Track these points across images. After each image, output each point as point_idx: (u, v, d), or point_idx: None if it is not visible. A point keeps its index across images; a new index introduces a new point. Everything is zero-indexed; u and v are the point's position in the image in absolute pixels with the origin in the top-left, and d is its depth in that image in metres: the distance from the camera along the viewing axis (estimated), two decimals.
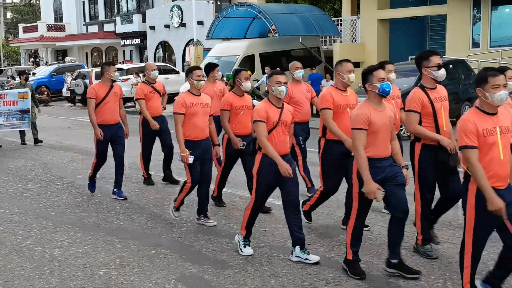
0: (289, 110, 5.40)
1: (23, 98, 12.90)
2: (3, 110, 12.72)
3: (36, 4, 58.66)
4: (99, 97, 7.62)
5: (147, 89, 8.51)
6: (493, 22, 17.94)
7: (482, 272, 5.00)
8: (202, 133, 6.33)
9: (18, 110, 12.86)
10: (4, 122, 12.76)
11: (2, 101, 12.70)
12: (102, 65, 7.91)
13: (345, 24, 22.04)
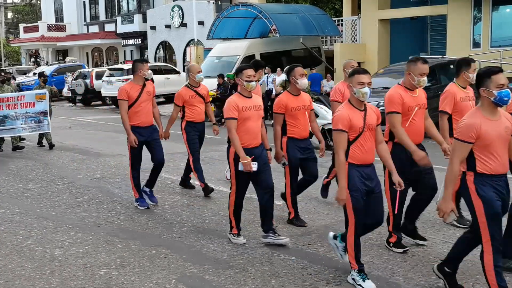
0: (373, 110, 4.80)
1: (41, 99, 12.26)
2: (20, 112, 12.02)
3: (37, 4, 58.68)
4: (132, 98, 7.04)
5: (189, 93, 7.90)
6: (494, 22, 17.93)
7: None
8: (255, 139, 5.68)
9: (36, 112, 12.21)
10: (23, 125, 12.05)
11: (20, 103, 11.98)
12: (134, 63, 7.27)
13: (346, 24, 22.04)
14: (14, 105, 11.90)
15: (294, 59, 21.26)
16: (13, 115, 11.88)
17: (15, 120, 11.94)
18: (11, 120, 11.88)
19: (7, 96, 11.98)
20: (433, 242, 5.80)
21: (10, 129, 11.91)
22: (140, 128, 7.13)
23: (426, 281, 4.80)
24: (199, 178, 7.95)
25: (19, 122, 11.99)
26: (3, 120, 11.82)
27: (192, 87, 7.99)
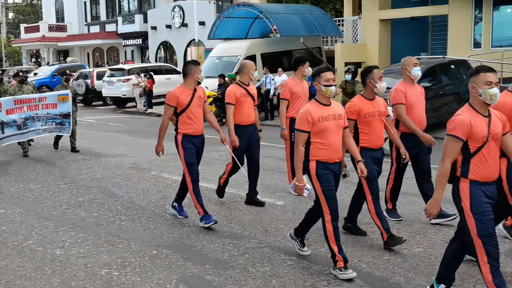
0: (497, 117, 4.09)
1: (63, 100, 11.61)
2: (41, 113, 11.35)
3: (38, 4, 58.70)
4: (182, 104, 6.32)
5: (240, 91, 7.08)
6: (495, 22, 17.92)
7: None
8: (336, 154, 5.00)
9: (58, 114, 11.56)
10: (43, 126, 11.41)
11: (41, 104, 11.33)
12: (186, 65, 6.49)
13: (347, 24, 22.03)
14: (35, 106, 11.31)
15: None
16: (34, 117, 11.27)
17: (36, 121, 11.32)
18: (31, 122, 11.26)
19: (28, 97, 11.37)
20: (433, 242, 5.80)
21: (32, 131, 11.28)
22: (192, 137, 6.48)
23: (427, 281, 4.79)
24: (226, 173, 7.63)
25: (39, 123, 11.38)
26: (24, 123, 11.15)
27: (243, 85, 7.15)
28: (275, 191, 8.19)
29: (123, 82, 23.47)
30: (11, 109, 10.88)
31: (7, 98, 11.10)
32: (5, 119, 10.82)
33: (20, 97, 11.25)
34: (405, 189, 8.15)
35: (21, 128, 11.03)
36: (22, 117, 11.06)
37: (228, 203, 7.57)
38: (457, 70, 14.69)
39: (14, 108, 10.93)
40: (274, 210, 7.17)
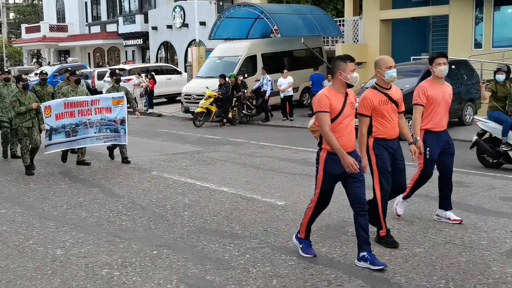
0: None
1: (118, 104, 10.32)
2: (95, 119, 10.14)
3: (39, 5, 58.76)
4: (334, 110, 4.99)
5: (379, 97, 5.56)
6: (496, 23, 17.91)
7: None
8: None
9: (112, 120, 10.31)
10: (96, 134, 10.24)
11: (94, 108, 10.10)
12: (335, 61, 5.17)
13: (347, 25, 22.03)
14: (88, 110, 10.08)
15: (295, 59, 21.27)
16: (86, 123, 10.11)
17: (88, 128, 10.15)
18: (83, 128, 10.10)
19: (80, 100, 10.11)
20: (434, 243, 5.79)
21: (82, 138, 10.17)
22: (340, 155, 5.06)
23: (427, 281, 4.79)
24: (383, 222, 5.79)
25: (92, 130, 10.18)
26: (74, 129, 10.02)
27: (382, 89, 5.63)
28: (276, 191, 8.19)
29: (124, 82, 23.46)
30: (60, 113, 9.84)
31: (57, 101, 10.02)
32: (54, 125, 9.82)
33: (71, 99, 10.04)
34: None
35: (69, 135, 9.98)
36: (72, 122, 9.98)
37: (228, 203, 7.57)
38: (458, 70, 14.71)
39: (64, 113, 9.88)
40: (275, 210, 7.17)
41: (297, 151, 11.94)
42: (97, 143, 10.44)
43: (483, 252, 5.45)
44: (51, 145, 9.95)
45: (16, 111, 9.75)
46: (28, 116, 9.87)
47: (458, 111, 14.33)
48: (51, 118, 9.79)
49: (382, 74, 5.55)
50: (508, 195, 7.74)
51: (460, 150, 11.65)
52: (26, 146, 9.85)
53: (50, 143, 9.90)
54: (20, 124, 9.85)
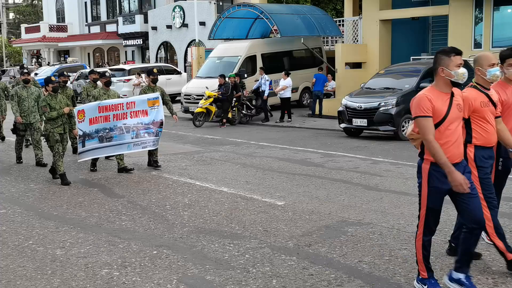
0: None
1: (154, 105, 9.59)
2: (131, 123, 9.37)
3: (38, 5, 58.75)
4: (438, 113, 4.24)
5: (481, 98, 4.80)
6: (495, 23, 17.90)
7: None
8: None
9: (150, 123, 9.55)
10: (133, 139, 9.41)
11: (130, 112, 9.36)
12: (437, 55, 4.34)
13: (347, 25, 22.02)
14: (123, 114, 9.33)
15: (295, 59, 21.27)
16: (122, 127, 9.36)
17: (124, 133, 9.38)
18: (119, 133, 9.35)
19: (115, 103, 9.39)
20: (434, 242, 5.77)
21: (118, 145, 9.40)
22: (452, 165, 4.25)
23: None
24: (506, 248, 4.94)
25: (129, 136, 9.40)
26: (108, 134, 9.31)
27: (482, 89, 4.89)
28: (276, 192, 8.19)
29: (123, 82, 23.48)
30: (94, 117, 9.15)
31: (91, 105, 9.34)
32: (88, 130, 9.15)
33: (105, 103, 9.33)
34: (405, 189, 8.17)
35: (103, 140, 9.26)
36: (106, 127, 9.25)
37: (228, 204, 7.57)
38: None
39: (98, 117, 9.17)
40: (274, 210, 7.17)
41: (296, 151, 11.95)
42: (135, 149, 9.65)
43: (482, 252, 5.44)
44: (85, 152, 9.25)
45: (47, 117, 8.89)
46: (60, 121, 9.01)
47: None
48: (84, 123, 9.12)
49: (483, 72, 4.81)
50: (508, 195, 7.73)
51: None
52: (59, 153, 8.98)
53: (83, 150, 9.22)
54: (52, 130, 8.95)
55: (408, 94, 13.38)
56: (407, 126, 13.13)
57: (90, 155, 9.41)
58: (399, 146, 12.29)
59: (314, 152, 11.78)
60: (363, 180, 8.84)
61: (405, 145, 12.42)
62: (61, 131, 9.05)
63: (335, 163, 10.40)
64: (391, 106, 13.11)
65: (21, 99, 10.56)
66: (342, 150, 11.90)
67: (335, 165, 10.20)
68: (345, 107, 13.95)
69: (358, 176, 9.13)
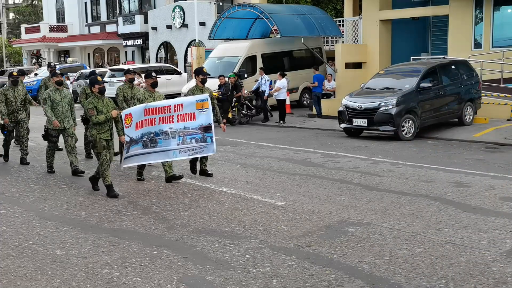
0: None
1: (202, 108, 8.78)
2: (177, 128, 8.62)
3: (38, 5, 58.76)
4: None
5: None
6: (495, 23, 17.90)
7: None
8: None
9: (197, 127, 8.74)
10: (180, 146, 8.67)
11: (176, 115, 8.58)
12: None
13: (347, 25, 22.01)
14: (170, 118, 8.56)
15: (295, 59, 21.26)
16: (168, 132, 8.60)
17: (170, 138, 8.61)
18: (164, 138, 8.58)
19: (161, 106, 8.58)
20: (434, 243, 5.79)
21: (164, 151, 8.60)
22: None
23: (427, 282, 4.79)
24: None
25: (175, 141, 8.64)
26: (153, 139, 8.54)
27: None
28: (276, 192, 8.19)
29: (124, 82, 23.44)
30: (140, 121, 8.36)
31: (138, 108, 8.44)
32: (134, 136, 8.36)
33: (152, 105, 8.52)
34: (405, 189, 8.17)
35: (147, 145, 8.49)
36: (151, 131, 8.49)
37: (228, 204, 7.57)
38: (458, 70, 14.70)
39: (143, 121, 8.39)
40: (275, 210, 7.17)
41: (297, 151, 11.95)
42: (181, 157, 8.83)
43: (483, 252, 5.45)
44: (129, 158, 8.46)
45: (94, 121, 8.08)
46: (106, 126, 8.21)
47: (458, 111, 14.32)
48: (131, 128, 8.28)
49: None
50: (508, 195, 7.74)
51: (459, 150, 11.66)
52: (106, 160, 8.18)
53: (128, 156, 8.42)
54: (98, 135, 8.14)
55: (408, 94, 13.38)
56: (407, 126, 13.14)
57: (134, 161, 8.61)
58: (399, 146, 12.29)
59: (314, 152, 11.78)
60: (363, 180, 8.84)
61: (405, 145, 12.42)
62: (108, 137, 8.23)
63: (335, 163, 10.40)
64: (391, 106, 13.10)
65: (54, 103, 9.71)
66: (342, 150, 11.90)
67: (335, 165, 10.20)
68: (345, 107, 13.94)
69: (359, 176, 9.13)
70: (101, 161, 8.16)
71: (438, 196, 7.69)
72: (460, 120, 14.45)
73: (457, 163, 10.21)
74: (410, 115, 13.20)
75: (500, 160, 10.37)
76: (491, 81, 16.88)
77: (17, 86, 11.04)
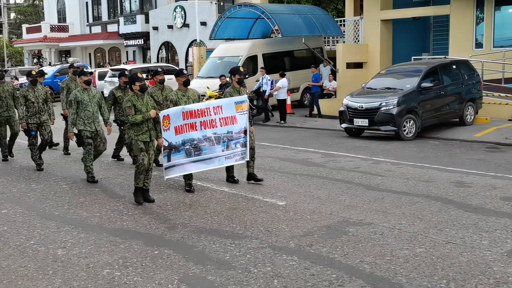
0: None
1: (242, 110, 8.13)
2: (221, 133, 7.94)
3: (40, 5, 58.81)
4: None
5: None
6: (496, 23, 17.90)
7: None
8: None
9: (239, 131, 8.12)
10: (224, 152, 8.00)
11: (218, 119, 7.91)
12: None
13: (348, 25, 22.02)
14: (212, 121, 7.89)
15: (296, 59, 21.26)
16: (212, 138, 7.93)
17: (215, 144, 7.96)
18: (208, 145, 7.92)
19: (201, 108, 7.89)
20: (435, 243, 5.79)
21: (209, 159, 7.96)
22: None
23: (428, 281, 4.79)
24: None
25: (219, 148, 7.97)
26: (197, 146, 7.87)
27: None
28: (277, 192, 8.19)
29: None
30: (180, 126, 7.72)
31: (175, 110, 7.75)
32: (174, 141, 7.73)
33: (190, 107, 7.81)
34: (406, 189, 8.17)
35: (191, 154, 7.84)
36: (193, 137, 7.82)
37: (229, 204, 7.57)
38: (459, 70, 14.69)
39: (183, 125, 7.74)
40: (276, 210, 7.17)
41: (297, 151, 11.94)
42: (227, 163, 8.22)
43: (484, 252, 5.45)
44: (171, 168, 7.85)
45: (131, 121, 7.52)
46: (145, 127, 7.61)
47: (459, 111, 14.31)
48: (170, 132, 7.68)
49: None
50: (509, 195, 7.73)
51: (460, 150, 11.65)
52: (143, 165, 7.56)
53: (169, 165, 7.81)
54: (135, 137, 7.58)
55: (409, 94, 13.37)
56: (408, 126, 13.13)
57: (178, 172, 7.95)
58: (400, 146, 12.28)
59: (315, 152, 11.78)
60: (364, 180, 8.83)
61: (406, 145, 12.42)
62: (146, 139, 7.62)
63: (336, 163, 10.40)
64: (392, 106, 13.09)
65: (83, 104, 8.98)
66: (343, 150, 11.90)
67: (336, 165, 10.20)
68: (346, 107, 13.94)
69: (359, 176, 9.13)
70: (137, 164, 7.65)
71: (439, 196, 7.69)
72: (461, 120, 14.45)
73: (458, 163, 10.20)
74: (411, 115, 13.19)
75: (501, 160, 10.36)
76: (492, 81, 16.88)
77: (37, 86, 10.47)
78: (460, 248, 5.61)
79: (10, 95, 11.02)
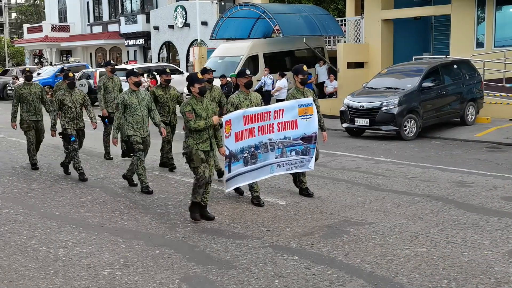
0: None
1: (306, 114, 7.47)
2: (277, 138, 7.29)
3: (41, 5, 58.83)
4: None
5: None
6: (498, 22, 17.89)
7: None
8: None
9: (299, 137, 7.45)
10: (278, 159, 7.35)
11: (276, 123, 7.26)
12: None
13: (349, 24, 22.01)
14: (269, 126, 7.22)
15: (297, 59, 21.25)
16: (267, 144, 7.25)
17: (269, 151, 7.28)
18: (263, 151, 7.23)
19: (261, 112, 7.18)
20: (436, 242, 5.79)
21: (263, 166, 7.25)
22: None
23: (429, 281, 4.79)
24: None
25: (273, 154, 7.31)
26: (254, 154, 7.15)
27: None
28: (278, 191, 8.19)
29: (125, 82, 23.41)
30: (240, 132, 6.97)
31: (236, 114, 6.96)
32: (233, 149, 6.94)
33: (251, 111, 7.08)
34: (407, 189, 8.16)
35: (248, 162, 7.11)
36: (251, 144, 7.11)
37: (230, 203, 7.57)
38: (460, 70, 14.69)
39: (243, 131, 7.00)
40: (277, 210, 7.17)
41: None
42: (278, 172, 7.51)
43: (485, 252, 5.45)
44: (233, 179, 7.07)
45: (193, 127, 6.63)
46: (205, 134, 6.74)
47: (460, 111, 14.31)
48: (230, 139, 6.89)
49: None
50: (510, 194, 7.73)
51: (461, 150, 11.65)
52: (204, 177, 6.69)
53: (231, 176, 7.02)
54: (195, 146, 6.70)
55: (410, 93, 13.37)
56: (409, 125, 13.13)
57: (239, 182, 7.21)
58: (401, 146, 12.28)
59: None
60: (365, 180, 8.83)
61: (407, 144, 12.41)
62: (207, 148, 6.76)
63: (337, 162, 10.40)
64: (393, 105, 13.09)
65: (132, 107, 8.25)
66: (344, 150, 11.89)
67: (337, 164, 10.19)
68: (347, 107, 13.94)
69: (360, 176, 9.13)
70: (197, 177, 6.71)
71: (440, 196, 7.69)
72: (462, 120, 14.44)
73: (459, 162, 10.20)
74: (412, 114, 13.19)
75: (502, 160, 10.36)
76: (493, 80, 16.86)
77: (74, 89, 9.47)
78: (461, 248, 5.61)
79: (38, 98, 10.39)
